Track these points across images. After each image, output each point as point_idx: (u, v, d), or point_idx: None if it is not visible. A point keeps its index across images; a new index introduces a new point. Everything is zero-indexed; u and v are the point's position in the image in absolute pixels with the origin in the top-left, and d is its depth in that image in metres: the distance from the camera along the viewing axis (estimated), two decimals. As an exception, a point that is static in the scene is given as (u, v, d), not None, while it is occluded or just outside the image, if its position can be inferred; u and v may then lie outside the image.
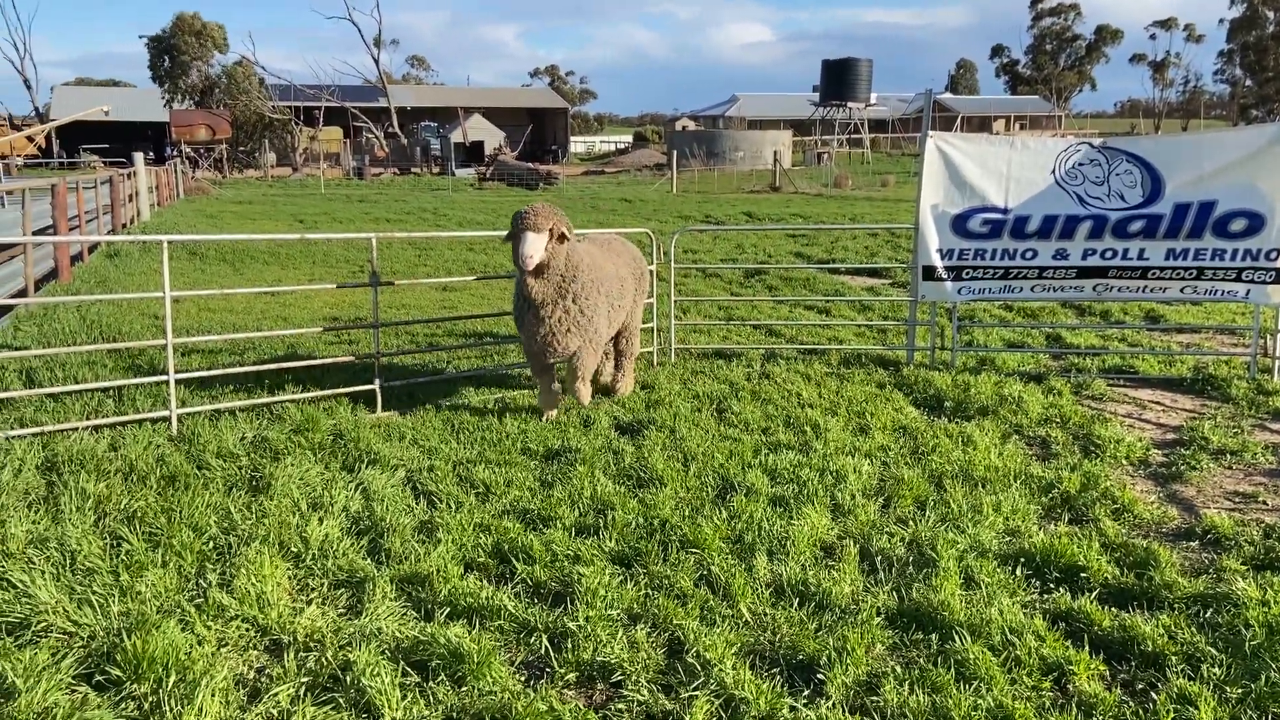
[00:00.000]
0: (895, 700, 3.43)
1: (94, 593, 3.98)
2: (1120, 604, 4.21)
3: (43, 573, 4.09)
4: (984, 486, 5.58)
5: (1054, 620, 4.05)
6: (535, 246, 6.15)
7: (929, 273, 8.47)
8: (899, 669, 3.67)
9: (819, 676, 3.60)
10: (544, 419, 6.89)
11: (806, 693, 3.54)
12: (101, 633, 3.75)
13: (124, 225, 19.91)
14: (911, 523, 5.07)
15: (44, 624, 3.80)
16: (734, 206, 31.17)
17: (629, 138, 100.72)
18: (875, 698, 3.47)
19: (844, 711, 3.37)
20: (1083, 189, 8.13)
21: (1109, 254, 8.15)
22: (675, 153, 48.82)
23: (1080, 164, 8.11)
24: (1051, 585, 4.39)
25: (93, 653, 3.65)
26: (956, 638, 3.82)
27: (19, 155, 56.18)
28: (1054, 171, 8.18)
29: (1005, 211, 8.24)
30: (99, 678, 3.51)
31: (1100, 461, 6.12)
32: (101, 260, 15.00)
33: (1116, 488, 5.57)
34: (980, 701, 3.40)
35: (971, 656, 3.66)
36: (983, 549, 4.67)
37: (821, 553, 4.75)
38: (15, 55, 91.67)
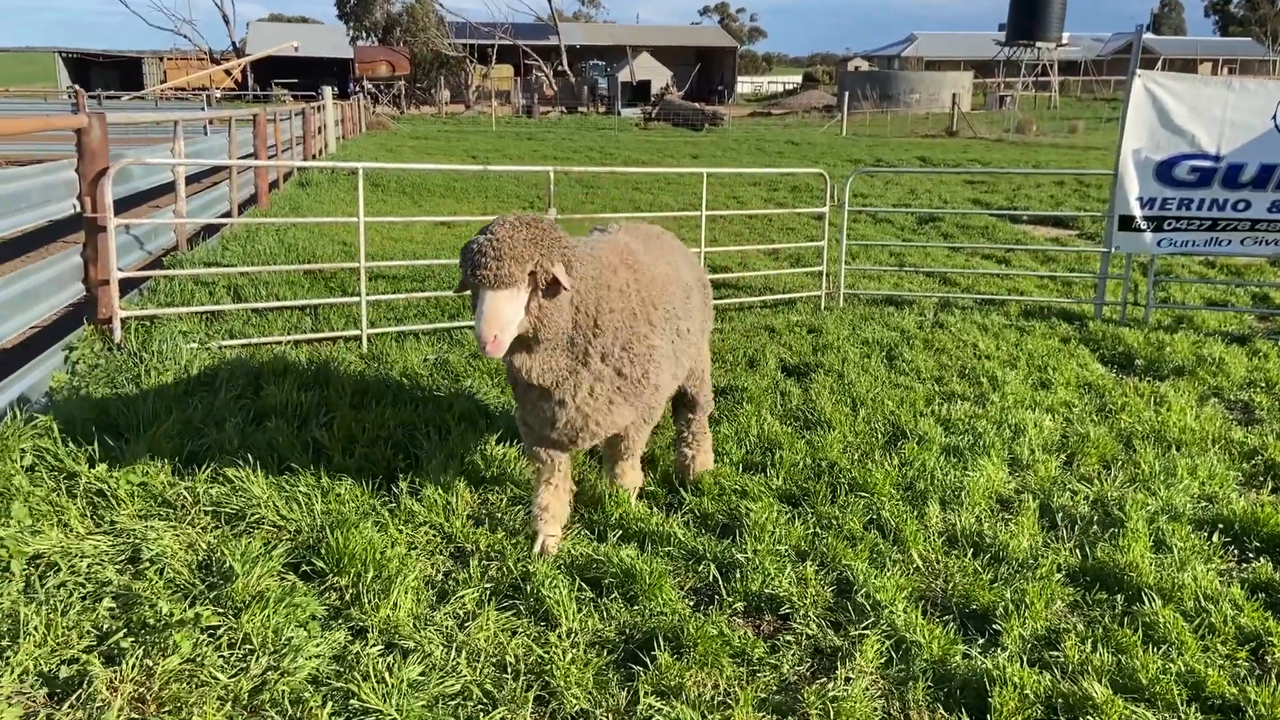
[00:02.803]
0: (1076, 657, 3.33)
1: (300, 492, 4.30)
2: (1330, 581, 3.93)
3: (254, 470, 4.44)
4: (1178, 449, 5.28)
5: (1253, 590, 3.83)
6: (500, 314, 3.38)
7: (1126, 222, 7.97)
8: (1081, 626, 3.56)
9: (994, 627, 3.54)
10: (537, 549, 4.04)
11: (981, 642, 3.48)
12: (306, 528, 4.06)
13: (314, 156, 21.00)
14: (1097, 481, 4.86)
15: (256, 516, 4.14)
16: (906, 151, 30.06)
17: (798, 79, 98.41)
18: (1055, 653, 3.38)
19: (1021, 663, 3.30)
20: (1309, 136, 7.44)
21: (1335, 208, 7.46)
22: (846, 94, 47.38)
23: (1308, 108, 7.41)
24: (1251, 555, 4.14)
25: (299, 545, 3.95)
26: (1145, 600, 3.66)
27: (218, 88, 59.90)
28: (1275, 116, 7.51)
29: (1217, 159, 7.65)
30: (305, 568, 3.81)
31: (1311, 431, 5.67)
32: (294, 188, 15.89)
33: (1329, 459, 5.16)
34: (1170, 665, 3.26)
35: (1161, 620, 3.51)
36: (1175, 513, 4.44)
37: (998, 506, 4.62)
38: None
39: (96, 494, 4.21)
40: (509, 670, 3.27)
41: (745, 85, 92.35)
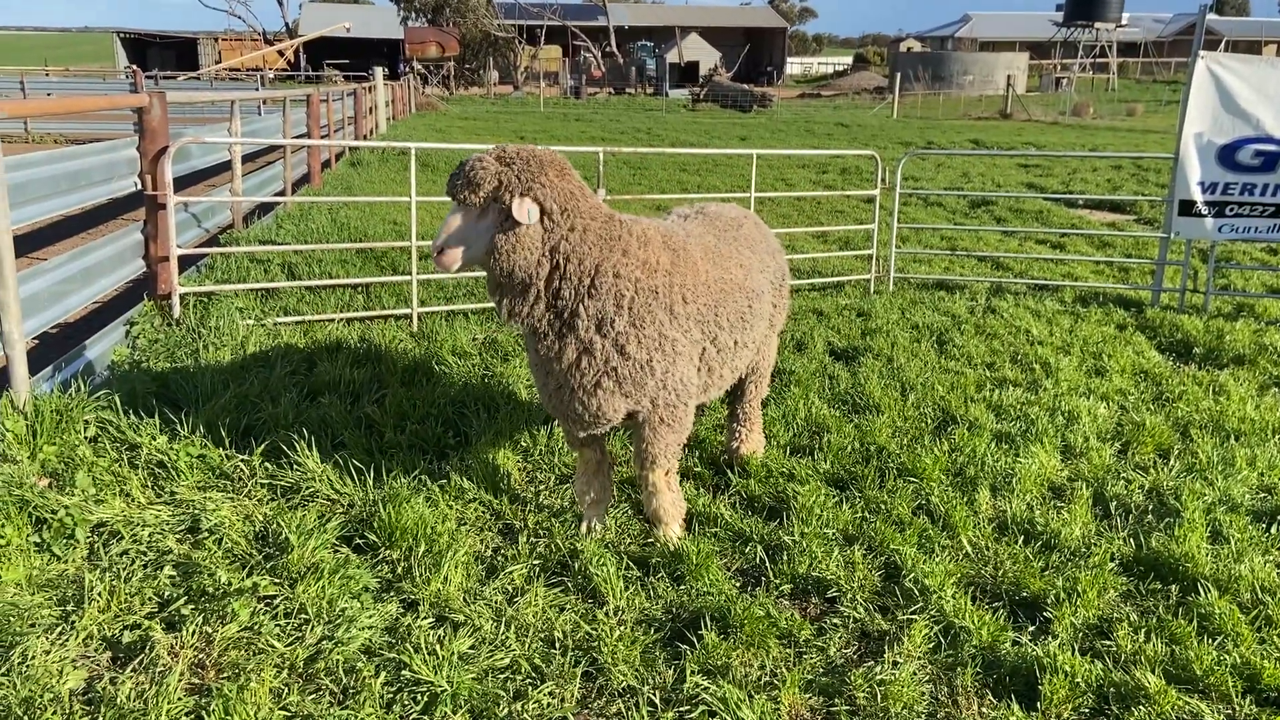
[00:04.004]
0: (1129, 646, 3.29)
1: (353, 466, 4.37)
2: (1395, 576, 3.83)
3: (309, 444, 4.52)
4: (1237, 439, 5.17)
5: (1313, 585, 3.74)
6: (451, 229, 3.42)
7: (1186, 207, 7.79)
8: (1134, 616, 3.51)
9: (1045, 615, 3.50)
10: (583, 529, 4.06)
11: (1031, 629, 3.45)
12: (359, 502, 4.13)
13: (365, 136, 21.19)
14: (1152, 470, 4.78)
15: (311, 490, 4.21)
16: (959, 133, 29.60)
17: (848, 59, 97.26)
18: (1107, 642, 3.35)
19: (1072, 651, 3.26)
20: (1382, 119, 7.20)
21: None
22: (898, 75, 46.70)
23: (1381, 90, 7.17)
24: (1312, 549, 4.05)
25: (352, 519, 4.03)
26: (1200, 591, 3.60)
27: (271, 69, 60.55)
28: (1346, 99, 7.28)
29: (1283, 142, 7.43)
30: (358, 541, 3.88)
31: (1377, 423, 5.52)
32: (346, 168, 16.06)
33: (1396, 452, 5.02)
34: (1225, 657, 3.21)
35: (1217, 611, 3.46)
36: (1233, 503, 4.35)
37: (1049, 493, 4.57)
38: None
39: (157, 465, 4.32)
40: (557, 645, 3.31)
41: (795, 66, 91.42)
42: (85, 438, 4.44)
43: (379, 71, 25.51)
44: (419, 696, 3.00)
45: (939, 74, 57.44)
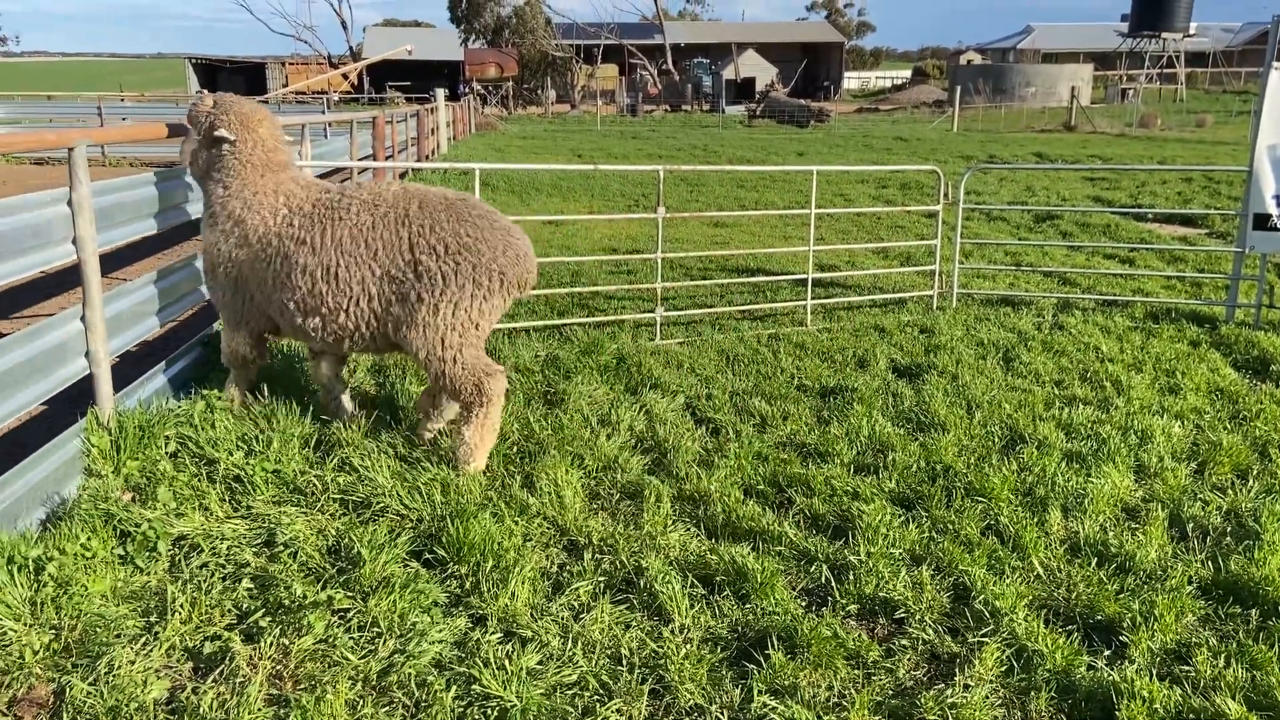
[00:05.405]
0: (1209, 672, 3.21)
1: (421, 482, 4.45)
2: None
3: (377, 460, 4.62)
4: (1319, 459, 5.02)
5: (1404, 612, 3.62)
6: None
7: (1261, 221, 7.60)
8: (1213, 641, 3.43)
9: (1121, 639, 3.43)
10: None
11: (1106, 654, 3.38)
12: (428, 518, 4.20)
13: (427, 156, 21.57)
14: (1230, 491, 4.66)
15: (381, 505, 4.30)
16: (1022, 146, 29.17)
17: (907, 73, 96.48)
18: (1186, 667, 3.27)
19: (1150, 676, 3.19)
20: None
21: None
22: (959, 88, 46.22)
23: None
24: (1402, 574, 3.91)
25: (421, 534, 4.10)
26: (1283, 616, 3.50)
27: (335, 91, 61.92)
28: None
29: (1363, 154, 7.22)
30: (426, 556, 3.95)
31: None
32: (409, 188, 16.38)
33: None
34: (1310, 685, 3.12)
35: (1300, 637, 3.36)
36: (1316, 526, 4.22)
37: (1123, 514, 4.48)
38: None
39: (234, 480, 4.44)
40: (624, 663, 3.32)
41: (852, 80, 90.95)
42: (166, 453, 4.58)
43: (440, 93, 25.95)
44: (489, 711, 3.03)
45: (1000, 86, 56.71)
